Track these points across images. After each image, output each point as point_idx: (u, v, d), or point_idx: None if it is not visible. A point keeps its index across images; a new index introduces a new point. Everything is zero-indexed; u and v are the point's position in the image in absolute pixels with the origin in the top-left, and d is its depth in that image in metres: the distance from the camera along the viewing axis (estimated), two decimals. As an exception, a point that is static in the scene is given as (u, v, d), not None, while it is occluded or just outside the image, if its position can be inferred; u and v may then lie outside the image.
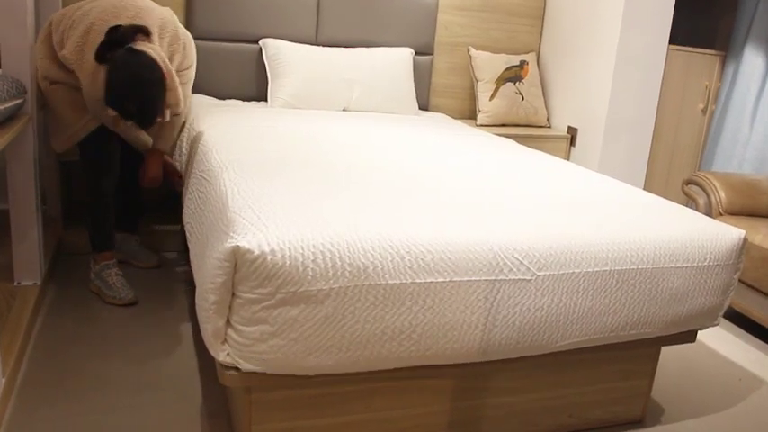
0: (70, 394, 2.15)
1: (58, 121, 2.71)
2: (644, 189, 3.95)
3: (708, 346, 2.91)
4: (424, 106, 4.20)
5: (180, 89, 2.58)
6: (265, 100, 3.77)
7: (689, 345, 2.91)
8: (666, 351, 2.81)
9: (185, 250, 3.45)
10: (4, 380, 1.98)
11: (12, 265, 2.66)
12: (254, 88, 3.83)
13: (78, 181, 3.65)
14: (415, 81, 4.07)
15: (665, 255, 1.91)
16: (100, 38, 2.43)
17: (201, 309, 1.63)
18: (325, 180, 2.08)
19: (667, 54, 3.90)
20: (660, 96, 3.98)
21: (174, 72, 2.53)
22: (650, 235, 1.92)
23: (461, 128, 3.51)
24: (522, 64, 4.26)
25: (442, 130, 3.32)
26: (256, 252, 1.51)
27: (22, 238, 2.63)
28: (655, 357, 2.19)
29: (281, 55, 3.71)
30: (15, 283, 2.66)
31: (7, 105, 2.23)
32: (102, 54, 2.41)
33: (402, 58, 3.95)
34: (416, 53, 4.11)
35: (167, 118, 2.55)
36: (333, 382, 1.78)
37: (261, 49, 3.78)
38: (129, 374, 2.29)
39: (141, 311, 2.75)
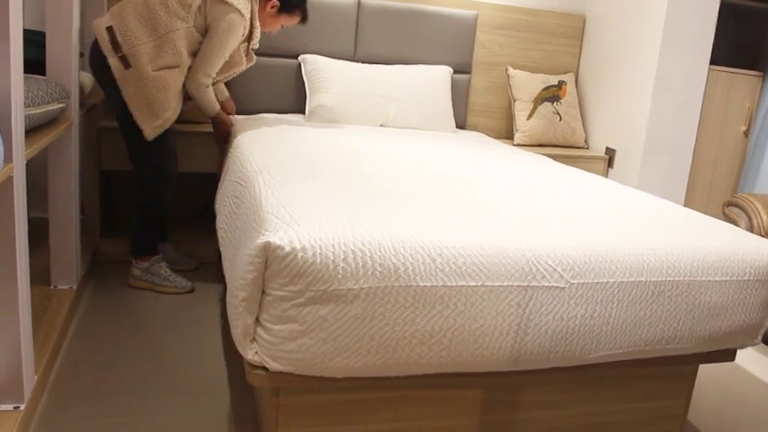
0: (101, 395, 2.16)
1: (156, 107, 2.78)
2: (683, 212, 3.88)
3: (747, 371, 2.83)
4: (461, 125, 4.19)
5: None
6: (303, 114, 3.80)
7: (728, 369, 2.83)
8: (704, 374, 2.74)
9: (219, 261, 3.47)
10: (36, 377, 2.00)
11: (49, 268, 2.70)
12: (293, 102, 3.86)
13: (119, 191, 3.70)
14: (452, 99, 4.07)
15: (703, 267, 1.86)
16: None
17: (231, 306, 1.63)
18: (359, 185, 2.07)
19: (708, 75, 3.85)
20: (701, 117, 3.92)
21: None
22: (687, 246, 1.88)
23: (498, 146, 3.50)
24: (561, 84, 4.23)
25: (479, 147, 3.31)
26: (287, 248, 1.51)
27: (60, 242, 2.68)
28: (692, 377, 2.13)
29: (320, 70, 3.74)
30: (52, 287, 2.70)
31: (50, 108, 2.28)
32: None
33: (440, 76, 3.96)
34: (455, 71, 4.12)
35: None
36: (361, 387, 1.77)
37: (300, 64, 3.82)
38: (160, 378, 2.29)
39: (173, 318, 2.77)
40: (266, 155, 2.43)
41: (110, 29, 2.75)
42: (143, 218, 2.98)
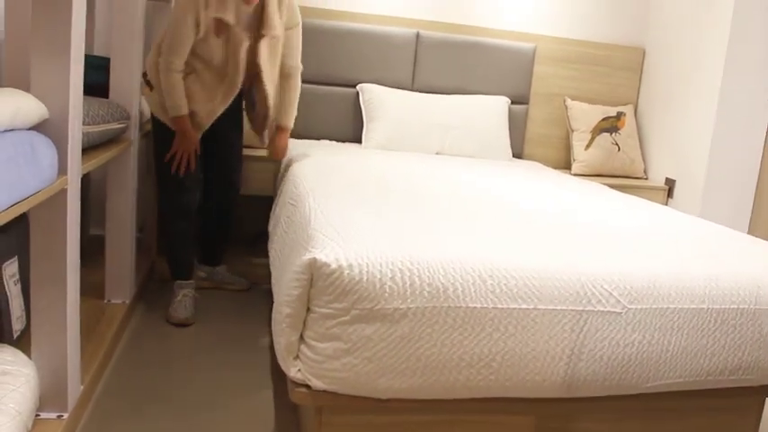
0: (146, 408, 2.15)
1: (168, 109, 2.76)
2: (749, 246, 3.73)
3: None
4: (518, 155, 4.15)
5: (279, 16, 2.79)
6: (360, 142, 3.81)
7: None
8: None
9: (270, 283, 3.47)
10: (82, 388, 2.01)
11: (104, 283, 2.74)
12: (350, 130, 3.88)
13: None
14: (510, 130, 4.03)
15: (770, 295, 1.77)
16: None
17: (276, 322, 1.61)
18: (410, 207, 2.05)
19: (773, 104, 3.73)
20: (765, 148, 3.78)
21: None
22: (753, 273, 1.79)
23: (555, 174, 3.44)
24: (620, 115, 4.15)
25: (535, 175, 3.25)
26: (333, 266, 1.49)
27: (115, 257, 2.73)
28: (758, 411, 2.01)
29: (377, 99, 3.76)
30: (106, 301, 2.74)
31: (110, 127, 2.33)
32: None
33: (497, 106, 3.93)
34: (512, 102, 4.08)
35: (269, 34, 2.76)
36: (405, 410, 1.71)
37: (358, 93, 3.85)
38: (206, 396, 2.28)
39: (222, 336, 2.77)
40: (319, 177, 2.43)
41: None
42: (166, 243, 2.99)
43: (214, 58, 2.71)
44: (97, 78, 2.76)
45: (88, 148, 2.19)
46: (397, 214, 1.93)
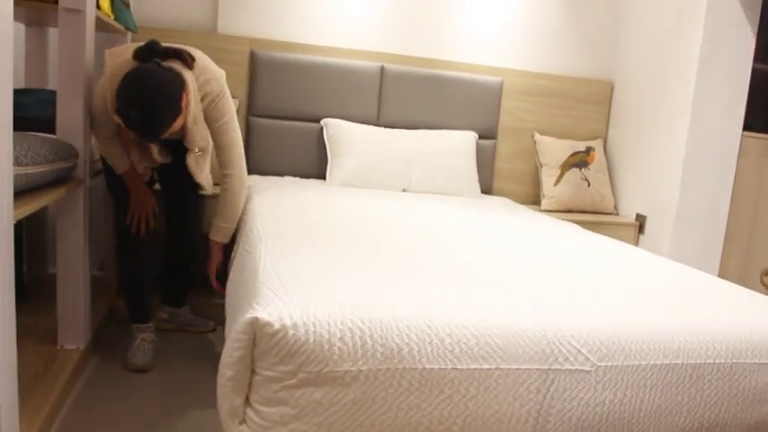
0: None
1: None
2: (721, 283, 3.68)
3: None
4: (486, 190, 4.07)
5: (202, 126, 2.60)
6: (324, 178, 3.71)
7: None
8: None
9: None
10: (20, 450, 1.87)
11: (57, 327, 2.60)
12: (315, 166, 3.78)
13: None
14: (478, 165, 3.96)
15: (747, 348, 1.68)
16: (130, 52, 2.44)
17: (219, 385, 1.48)
18: (366, 256, 1.94)
19: (741, 141, 3.70)
20: (735, 185, 3.75)
21: (200, 107, 2.56)
22: (729, 325, 1.70)
23: (524, 212, 3.36)
24: (589, 150, 4.10)
25: (503, 213, 3.17)
26: (276, 326, 1.37)
27: (68, 301, 2.57)
28: (736, 470, 1.92)
29: (342, 134, 3.67)
30: (58, 347, 2.58)
31: (54, 167, 2.20)
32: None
33: (465, 141, 3.86)
34: (480, 137, 4.02)
35: (194, 150, 2.62)
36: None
37: (322, 128, 3.75)
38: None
39: (185, 383, 2.62)
40: (277, 220, 2.33)
41: None
42: (123, 284, 2.85)
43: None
44: (48, 113, 2.63)
45: (27, 191, 2.06)
46: (353, 264, 1.82)
